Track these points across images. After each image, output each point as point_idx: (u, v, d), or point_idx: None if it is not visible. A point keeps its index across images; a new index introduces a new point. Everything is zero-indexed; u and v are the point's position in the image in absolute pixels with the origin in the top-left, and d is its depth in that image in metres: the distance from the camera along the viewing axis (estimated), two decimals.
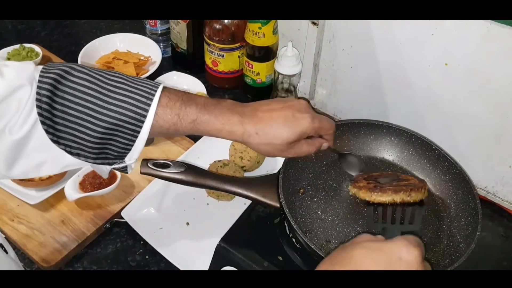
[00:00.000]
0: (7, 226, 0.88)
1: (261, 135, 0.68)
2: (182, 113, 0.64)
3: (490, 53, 0.81)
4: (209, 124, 0.66)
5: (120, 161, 0.65)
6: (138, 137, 0.62)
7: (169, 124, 0.64)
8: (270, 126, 0.68)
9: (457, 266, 0.70)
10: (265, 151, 0.70)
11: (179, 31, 1.17)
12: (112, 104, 0.60)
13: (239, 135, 0.67)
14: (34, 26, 1.38)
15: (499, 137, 0.88)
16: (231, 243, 0.80)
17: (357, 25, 0.95)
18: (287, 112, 0.69)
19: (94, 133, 0.60)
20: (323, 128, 0.72)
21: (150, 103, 0.62)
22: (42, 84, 0.59)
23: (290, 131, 0.68)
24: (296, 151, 0.71)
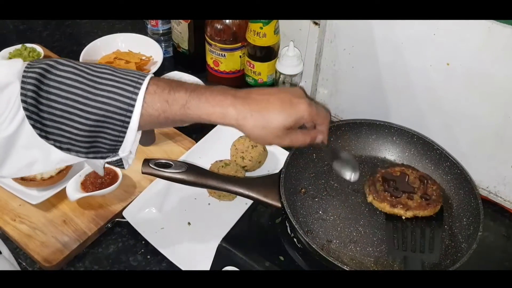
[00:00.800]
0: (9, 226, 0.88)
1: (256, 118, 0.64)
2: (171, 98, 0.62)
3: (491, 53, 0.80)
4: (200, 108, 0.63)
5: (113, 154, 0.64)
6: (129, 128, 0.61)
7: (159, 112, 0.62)
8: (266, 108, 0.65)
9: (458, 266, 0.70)
10: (259, 136, 0.66)
11: (180, 31, 1.17)
12: (99, 96, 0.59)
13: (233, 118, 0.64)
14: (35, 26, 1.38)
15: (501, 137, 0.88)
16: (232, 243, 0.81)
17: (359, 25, 0.95)
18: (284, 96, 0.67)
19: (82, 126, 0.59)
20: (319, 116, 0.70)
21: (138, 91, 0.60)
22: (27, 79, 0.58)
23: (287, 115, 0.66)
24: (291, 138, 0.68)
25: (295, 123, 0.67)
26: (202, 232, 0.87)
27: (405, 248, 0.76)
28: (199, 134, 1.04)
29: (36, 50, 1.21)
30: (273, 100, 0.66)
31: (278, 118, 0.65)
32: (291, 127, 0.67)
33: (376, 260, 0.77)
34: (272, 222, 0.86)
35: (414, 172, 0.85)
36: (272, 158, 1.00)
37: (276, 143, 0.69)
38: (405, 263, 0.69)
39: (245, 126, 0.65)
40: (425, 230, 0.78)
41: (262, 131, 0.65)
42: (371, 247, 0.78)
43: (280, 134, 0.66)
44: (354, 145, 0.92)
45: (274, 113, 0.65)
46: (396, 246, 0.76)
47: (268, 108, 0.65)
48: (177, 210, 0.90)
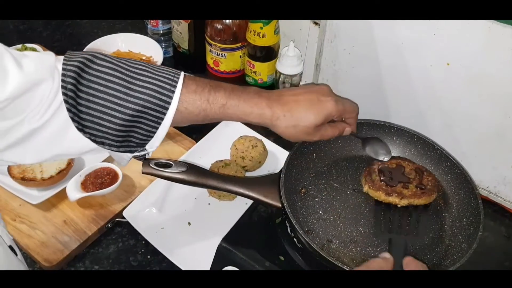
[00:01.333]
0: (9, 226, 0.88)
1: (288, 118, 0.69)
2: (211, 98, 0.65)
3: (492, 53, 0.80)
4: (239, 108, 0.67)
5: (141, 148, 0.66)
6: (161, 125, 0.63)
7: (199, 110, 0.65)
8: (296, 109, 0.70)
9: (458, 266, 0.70)
10: (291, 134, 0.71)
11: (180, 31, 1.17)
12: (137, 91, 0.60)
13: (268, 118, 0.69)
14: (36, 26, 1.38)
15: (501, 137, 0.88)
16: (232, 243, 0.81)
17: (359, 25, 0.95)
18: (312, 96, 0.72)
19: (119, 120, 0.60)
20: (346, 111, 0.75)
21: (174, 89, 0.62)
22: (67, 72, 0.59)
23: (316, 113, 0.71)
24: (322, 133, 0.73)
25: (324, 120, 0.72)
26: (202, 232, 0.87)
27: (390, 231, 0.78)
28: (199, 134, 1.04)
29: (36, 50, 1.21)
30: (302, 100, 0.71)
31: (308, 117, 0.70)
32: (321, 124, 0.72)
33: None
34: (272, 222, 0.86)
35: (410, 164, 0.86)
36: (272, 158, 1.00)
37: (307, 139, 0.74)
38: (389, 244, 0.71)
39: (278, 126, 0.70)
40: (413, 215, 0.80)
41: (294, 130, 0.71)
42: (371, 247, 0.78)
43: (310, 131, 0.72)
44: (354, 145, 0.92)
45: (304, 113, 0.70)
46: (382, 229, 0.79)
47: (298, 108, 0.70)
48: (177, 210, 0.90)
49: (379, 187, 0.82)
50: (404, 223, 0.80)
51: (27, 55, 0.59)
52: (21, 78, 0.55)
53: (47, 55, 0.61)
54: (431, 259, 0.77)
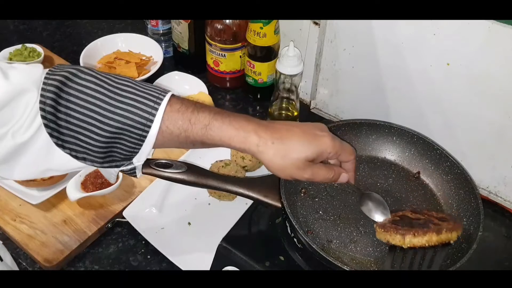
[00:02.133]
0: (9, 226, 0.88)
1: (277, 146, 0.63)
2: (194, 118, 0.61)
3: (492, 53, 0.80)
4: (222, 130, 0.62)
5: (127, 162, 0.64)
6: (145, 142, 0.60)
7: (180, 130, 0.61)
8: (287, 137, 0.64)
9: (459, 267, 0.70)
10: (279, 165, 0.64)
11: (180, 31, 1.17)
12: (118, 108, 0.58)
13: (254, 143, 0.63)
14: (36, 26, 1.38)
15: (501, 137, 0.88)
16: (232, 243, 0.80)
17: (359, 25, 0.95)
18: (307, 128, 0.66)
19: (99, 137, 0.59)
20: (344, 151, 0.68)
21: (158, 107, 0.59)
22: (47, 87, 0.58)
23: (309, 146, 0.64)
24: (314, 171, 0.66)
25: (317, 156, 0.65)
26: (202, 232, 0.87)
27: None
28: None
29: (36, 50, 1.21)
30: (296, 131, 0.65)
31: (300, 148, 0.64)
32: (313, 159, 0.65)
33: (376, 260, 0.77)
34: (272, 222, 0.86)
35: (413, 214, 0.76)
36: None
37: (297, 176, 0.66)
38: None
39: (265, 154, 0.63)
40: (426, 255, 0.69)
41: (282, 161, 0.63)
42: (371, 247, 0.78)
43: (301, 165, 0.64)
44: (354, 145, 0.92)
45: (296, 143, 0.64)
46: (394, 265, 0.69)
47: (290, 138, 0.64)
48: (177, 210, 0.90)
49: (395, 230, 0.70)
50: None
51: (15, 67, 0.58)
52: (5, 88, 0.55)
53: (35, 68, 0.60)
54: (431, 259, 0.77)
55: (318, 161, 0.67)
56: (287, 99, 1.07)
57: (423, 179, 0.88)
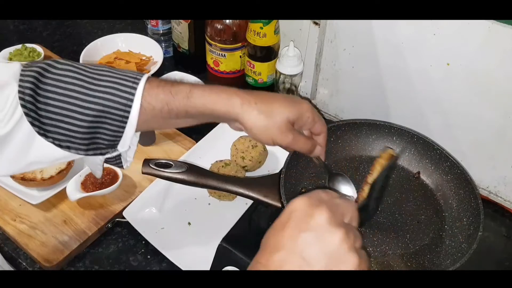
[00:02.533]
0: (9, 226, 0.88)
1: (260, 106, 0.64)
2: (174, 89, 0.62)
3: (492, 53, 0.80)
4: (204, 96, 0.63)
5: (112, 150, 0.64)
6: (128, 123, 0.61)
7: (162, 104, 0.62)
8: (270, 100, 0.66)
9: (458, 266, 0.70)
10: (262, 127, 0.65)
11: (180, 31, 1.17)
12: (97, 91, 0.59)
13: (238, 105, 0.64)
14: (36, 26, 1.38)
15: (501, 137, 0.88)
16: (232, 243, 0.80)
17: (359, 25, 0.95)
18: (286, 95, 0.70)
19: (80, 122, 0.59)
20: (319, 121, 0.71)
21: (136, 86, 0.60)
22: (25, 77, 0.58)
23: (290, 107, 0.66)
24: (294, 137, 0.67)
25: (298, 117, 0.67)
26: (202, 232, 0.87)
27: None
28: (199, 134, 1.04)
29: (36, 50, 1.21)
30: (277, 95, 0.67)
31: (282, 109, 0.65)
32: (294, 121, 0.67)
33: (376, 260, 0.77)
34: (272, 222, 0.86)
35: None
36: (272, 158, 1.00)
37: (278, 139, 0.67)
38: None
39: (249, 113, 0.64)
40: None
41: (266, 121, 0.64)
42: (371, 247, 0.78)
43: (283, 128, 0.66)
44: (354, 145, 0.92)
45: (278, 104, 0.66)
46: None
47: (272, 100, 0.66)
48: (177, 210, 0.90)
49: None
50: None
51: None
52: None
53: (13, 64, 0.61)
54: (431, 259, 0.77)
55: (298, 125, 0.68)
56: None
57: (423, 179, 0.88)
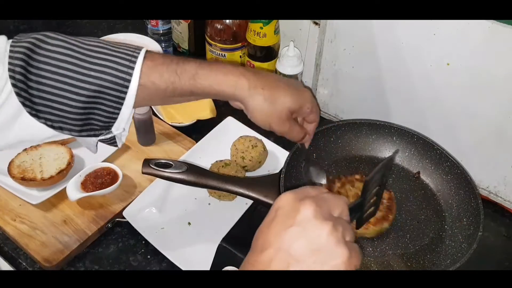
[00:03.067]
0: (9, 226, 0.88)
1: (267, 92, 0.63)
2: (180, 69, 0.60)
3: (492, 53, 0.80)
4: (210, 77, 0.61)
5: (107, 131, 0.61)
6: (124, 104, 0.58)
7: (167, 84, 0.59)
8: (276, 87, 0.64)
9: (458, 266, 0.70)
10: (266, 112, 0.64)
11: (180, 31, 1.17)
12: (92, 70, 0.56)
13: (245, 87, 0.62)
14: (36, 26, 1.38)
15: (501, 137, 0.88)
16: (232, 243, 0.81)
17: (359, 25, 0.95)
18: (289, 82, 0.68)
19: (74, 103, 0.56)
20: (316, 111, 0.71)
21: (133, 65, 0.57)
22: (14, 54, 0.55)
23: (294, 97, 0.66)
24: (291, 126, 0.68)
25: (299, 108, 0.67)
26: (202, 232, 0.87)
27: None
28: (199, 134, 1.04)
29: None
30: (281, 83, 0.66)
31: (287, 98, 0.65)
32: (295, 111, 0.67)
33: (376, 260, 0.77)
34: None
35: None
36: (272, 158, 1.00)
37: (275, 126, 0.67)
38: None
39: (255, 99, 0.63)
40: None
41: (270, 107, 0.64)
42: (371, 247, 0.78)
43: (283, 116, 0.66)
44: (354, 145, 0.92)
45: (283, 92, 0.65)
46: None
47: (278, 87, 0.65)
48: (177, 210, 0.90)
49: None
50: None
51: None
52: None
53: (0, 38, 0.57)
54: (431, 259, 0.77)
55: (298, 114, 0.69)
56: None
57: (423, 179, 0.88)
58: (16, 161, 0.94)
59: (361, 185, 0.82)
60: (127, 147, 1.02)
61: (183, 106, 1.11)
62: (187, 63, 0.61)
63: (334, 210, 0.51)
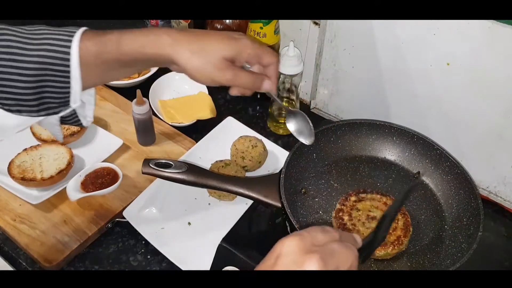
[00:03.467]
0: (9, 226, 0.88)
1: (193, 45, 0.61)
2: (104, 38, 0.61)
3: (492, 52, 0.80)
4: (134, 40, 0.61)
5: (65, 107, 0.63)
6: (71, 77, 0.60)
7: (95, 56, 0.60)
8: (204, 37, 0.62)
9: (458, 266, 0.70)
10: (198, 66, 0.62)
11: None
12: (34, 50, 0.58)
13: (168, 44, 0.61)
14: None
15: (501, 137, 0.88)
16: (232, 243, 0.81)
17: (359, 25, 0.95)
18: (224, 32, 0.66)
19: (24, 84, 0.59)
20: (265, 53, 0.67)
21: (72, 39, 0.59)
22: None
23: (227, 44, 0.63)
24: (234, 73, 0.64)
25: (236, 54, 0.64)
26: (202, 232, 0.87)
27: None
28: (199, 134, 1.04)
29: None
30: (213, 33, 0.64)
31: (217, 46, 0.62)
32: (232, 59, 0.64)
33: (376, 260, 0.77)
34: (272, 222, 0.86)
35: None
36: (272, 158, 1.00)
37: (217, 77, 0.64)
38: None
39: (181, 54, 0.61)
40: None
41: (200, 60, 0.62)
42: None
43: (220, 65, 0.63)
44: (354, 145, 0.92)
45: (213, 41, 0.62)
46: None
47: (206, 37, 0.63)
48: (177, 210, 0.90)
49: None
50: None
51: None
52: None
53: None
54: (431, 259, 0.77)
55: (239, 61, 0.66)
56: (287, 99, 1.07)
57: (423, 179, 0.88)
58: (16, 161, 0.94)
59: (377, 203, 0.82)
60: (127, 147, 1.02)
61: (183, 106, 1.11)
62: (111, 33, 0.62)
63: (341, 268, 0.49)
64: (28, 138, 0.99)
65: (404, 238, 0.77)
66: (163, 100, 1.13)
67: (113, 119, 1.09)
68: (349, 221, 0.79)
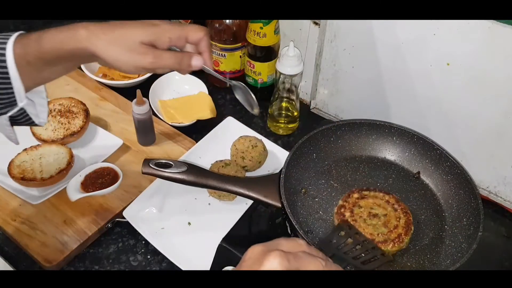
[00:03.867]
0: (9, 226, 0.88)
1: (109, 35, 0.61)
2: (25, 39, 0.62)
3: (492, 53, 0.80)
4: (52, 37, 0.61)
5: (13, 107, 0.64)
6: (11, 77, 0.61)
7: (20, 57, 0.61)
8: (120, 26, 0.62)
9: (458, 266, 0.70)
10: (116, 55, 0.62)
11: None
12: None
13: (84, 37, 0.61)
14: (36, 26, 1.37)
15: (501, 137, 0.88)
16: (232, 243, 0.81)
17: (359, 25, 0.95)
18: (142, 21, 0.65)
19: None
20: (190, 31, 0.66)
21: (6, 41, 0.60)
22: None
23: (143, 30, 0.62)
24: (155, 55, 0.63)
25: (154, 39, 0.63)
26: (202, 232, 0.87)
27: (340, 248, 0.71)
28: (199, 134, 1.04)
29: None
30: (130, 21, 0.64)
31: (133, 32, 0.62)
32: (150, 43, 0.63)
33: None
34: (272, 222, 0.86)
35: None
36: (272, 158, 1.00)
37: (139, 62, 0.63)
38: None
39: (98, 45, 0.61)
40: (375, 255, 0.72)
41: (117, 48, 0.61)
42: None
43: (139, 49, 0.62)
44: (354, 145, 0.92)
45: (129, 29, 0.62)
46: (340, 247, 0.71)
47: (122, 26, 0.63)
48: (177, 210, 0.90)
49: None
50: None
51: None
52: None
53: None
54: (431, 259, 0.77)
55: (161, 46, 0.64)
56: (287, 99, 1.07)
57: (423, 179, 0.88)
58: (16, 161, 0.94)
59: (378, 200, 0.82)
60: (127, 147, 1.02)
61: (183, 106, 1.11)
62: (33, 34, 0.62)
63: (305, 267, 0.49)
64: (28, 138, 0.99)
65: (405, 236, 0.77)
66: (163, 100, 1.13)
67: (113, 119, 1.09)
68: (351, 217, 0.79)
